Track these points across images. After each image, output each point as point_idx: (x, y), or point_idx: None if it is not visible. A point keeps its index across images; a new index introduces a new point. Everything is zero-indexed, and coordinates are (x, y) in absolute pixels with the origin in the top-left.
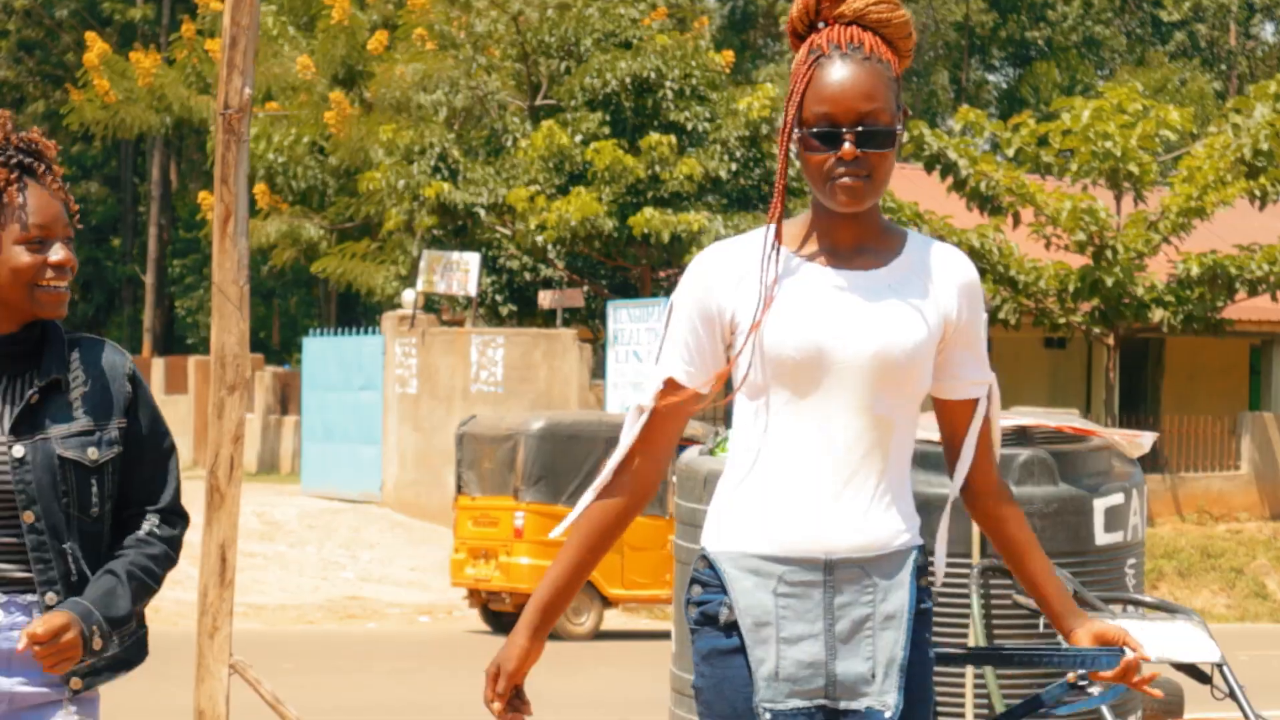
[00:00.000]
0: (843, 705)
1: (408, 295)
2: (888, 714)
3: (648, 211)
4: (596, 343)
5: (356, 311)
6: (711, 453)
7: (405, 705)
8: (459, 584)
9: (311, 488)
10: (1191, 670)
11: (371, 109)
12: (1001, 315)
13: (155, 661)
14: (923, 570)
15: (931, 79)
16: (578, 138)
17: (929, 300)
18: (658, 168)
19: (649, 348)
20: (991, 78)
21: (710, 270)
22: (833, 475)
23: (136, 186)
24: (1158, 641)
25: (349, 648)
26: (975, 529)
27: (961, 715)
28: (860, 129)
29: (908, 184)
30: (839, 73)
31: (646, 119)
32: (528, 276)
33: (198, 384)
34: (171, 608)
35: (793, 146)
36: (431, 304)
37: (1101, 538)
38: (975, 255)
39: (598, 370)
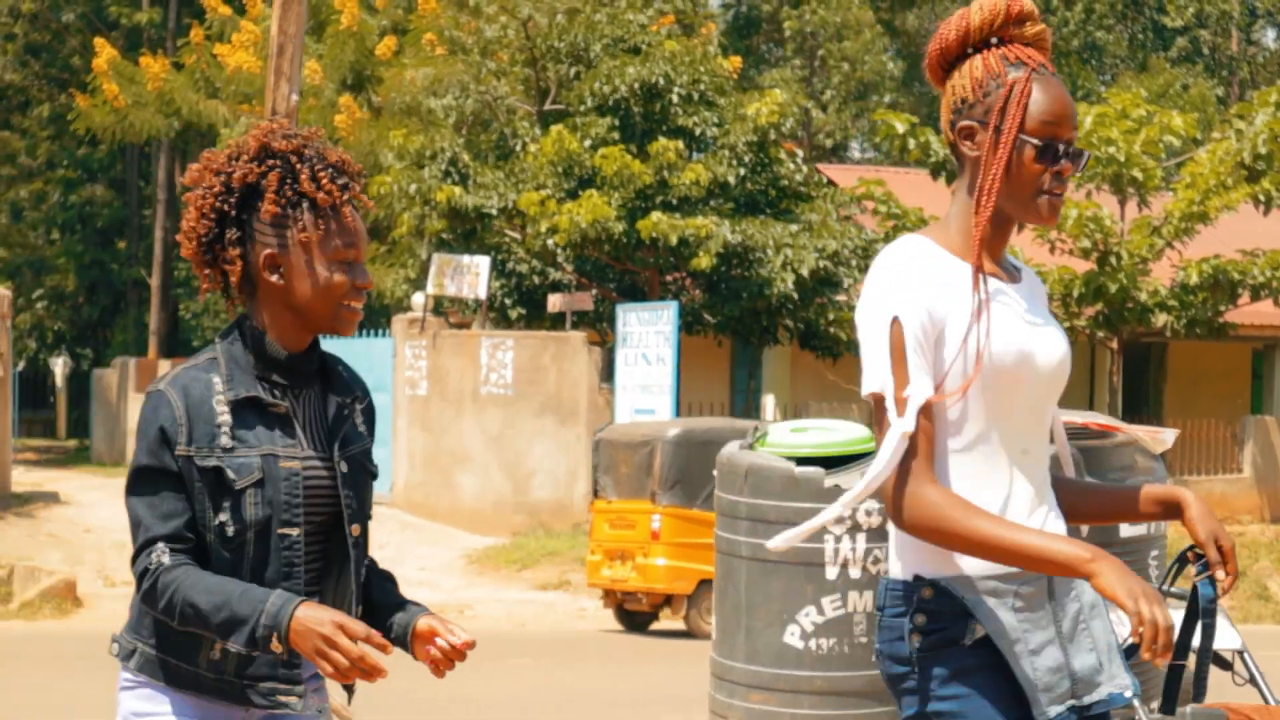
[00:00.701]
0: (1086, 700)
1: (417, 298)
2: (1128, 694)
3: (656, 216)
4: (604, 345)
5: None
6: (751, 447)
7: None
8: (595, 584)
9: None
10: (1213, 657)
11: (381, 114)
12: None
13: None
14: None
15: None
16: (586, 143)
17: (1050, 314)
18: (666, 173)
19: (657, 350)
20: None
21: (924, 279)
22: (1030, 482)
23: (142, 190)
24: (1181, 630)
25: None
26: None
27: None
28: (1073, 149)
29: (913, 189)
30: (1058, 92)
31: (655, 124)
32: (536, 280)
33: None
34: None
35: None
36: (440, 307)
37: (1126, 530)
38: None
39: (606, 372)
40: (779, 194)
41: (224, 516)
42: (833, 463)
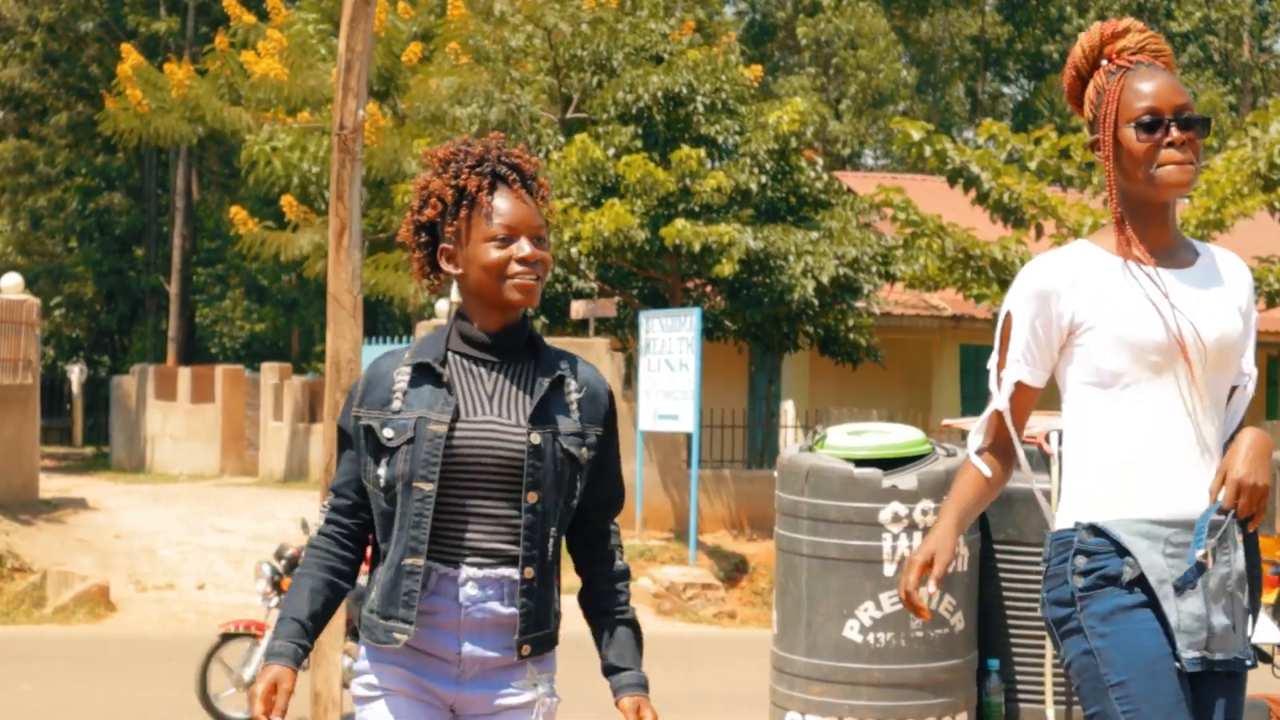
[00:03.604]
0: (1217, 655)
1: (441, 305)
2: (1249, 662)
3: (679, 223)
4: (626, 352)
5: (380, 321)
6: (811, 449)
7: None
8: None
9: None
10: (1255, 650)
11: (404, 121)
12: None
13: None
14: (1252, 537)
15: (947, 91)
16: (610, 151)
17: (1233, 295)
18: (688, 180)
19: (680, 356)
20: (1007, 90)
21: (1047, 278)
22: (1191, 447)
23: (160, 198)
24: None
25: None
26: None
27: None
28: (1185, 117)
29: (930, 197)
30: (1153, 76)
31: (677, 132)
32: (559, 287)
33: (225, 393)
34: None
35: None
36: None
37: None
38: (998, 267)
39: (629, 379)
40: (799, 201)
41: (380, 470)
42: (889, 464)
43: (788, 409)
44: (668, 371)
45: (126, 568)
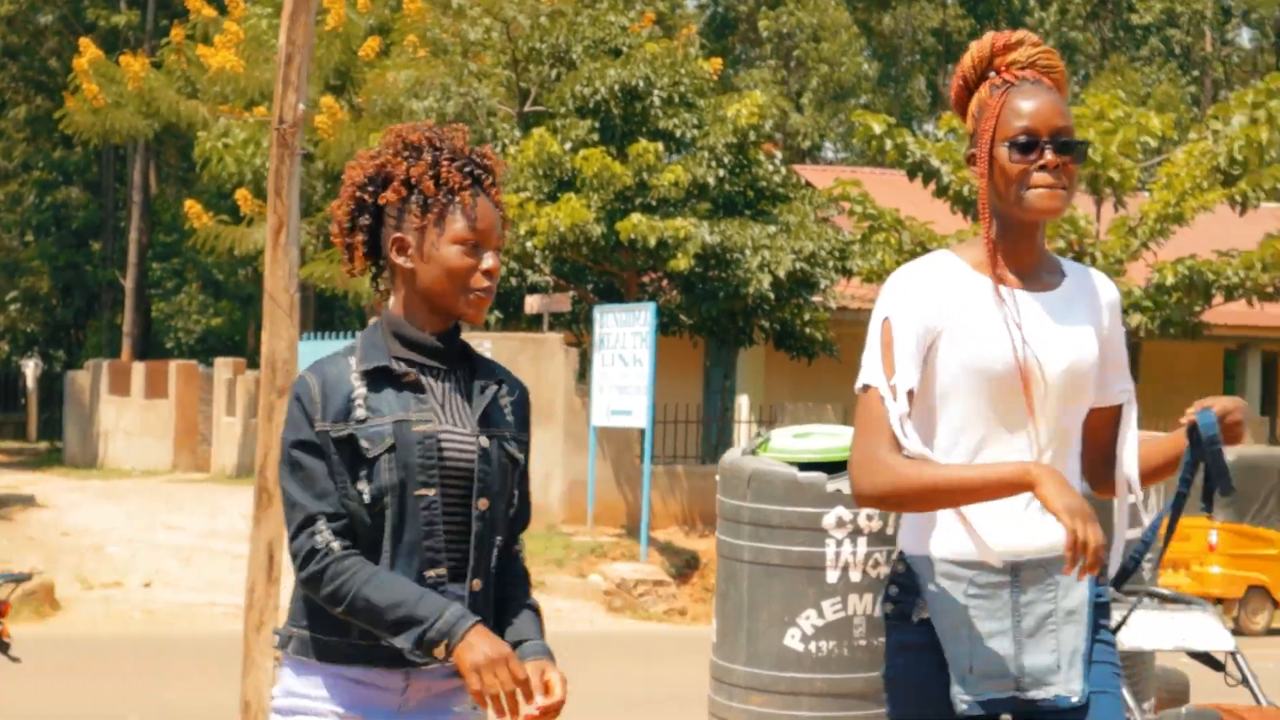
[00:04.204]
0: (1032, 695)
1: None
2: (1075, 699)
3: (635, 217)
4: (581, 347)
5: (335, 315)
6: (754, 452)
7: None
8: None
9: None
10: (1206, 658)
11: (361, 115)
12: None
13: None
14: (1103, 570)
15: (909, 85)
16: (567, 144)
17: (1093, 319)
18: (645, 174)
19: (634, 351)
20: None
21: (919, 286)
22: None
23: (117, 192)
24: (1175, 631)
25: None
26: None
27: None
28: (1060, 140)
29: (889, 190)
30: (1035, 95)
31: (635, 126)
32: (514, 282)
33: (179, 388)
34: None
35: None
36: None
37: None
38: None
39: (583, 374)
40: (757, 195)
41: (362, 485)
42: (835, 468)
43: (742, 404)
44: (622, 367)
45: (73, 566)
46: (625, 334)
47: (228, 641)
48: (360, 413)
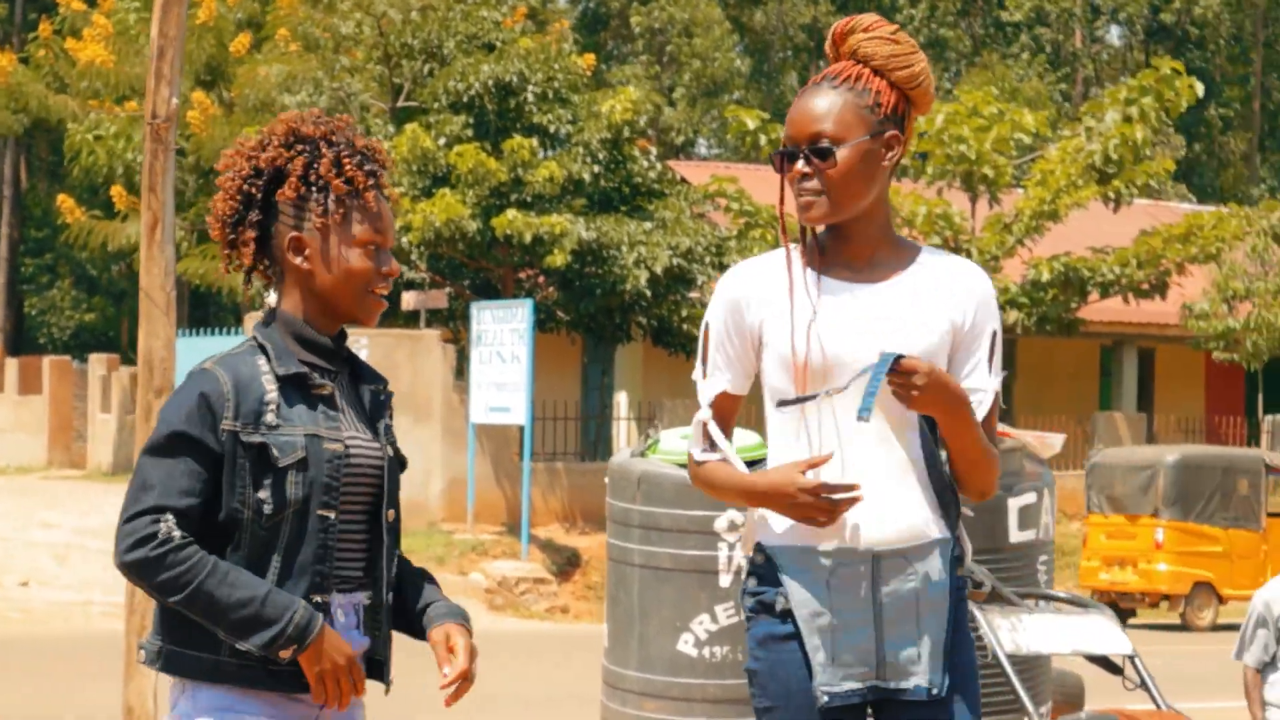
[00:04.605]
0: (893, 684)
1: (272, 297)
2: (935, 690)
3: (511, 213)
4: (458, 344)
5: (210, 312)
6: (643, 454)
7: None
8: (1089, 585)
9: None
10: (1104, 662)
11: (233, 110)
12: None
13: (74, 661)
14: (959, 560)
15: (781, 81)
16: (441, 140)
17: (939, 309)
18: (520, 170)
19: (512, 348)
20: None
21: (738, 287)
22: (867, 473)
23: None
24: (1072, 635)
25: None
26: None
27: None
28: (811, 147)
29: (765, 186)
30: (803, 100)
31: (509, 122)
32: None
33: (53, 384)
34: (61, 609)
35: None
36: None
37: (1015, 535)
38: None
39: (461, 371)
40: (632, 191)
41: (264, 494)
42: None
43: (621, 401)
44: (499, 363)
45: None
46: (503, 331)
47: (108, 642)
48: (271, 419)
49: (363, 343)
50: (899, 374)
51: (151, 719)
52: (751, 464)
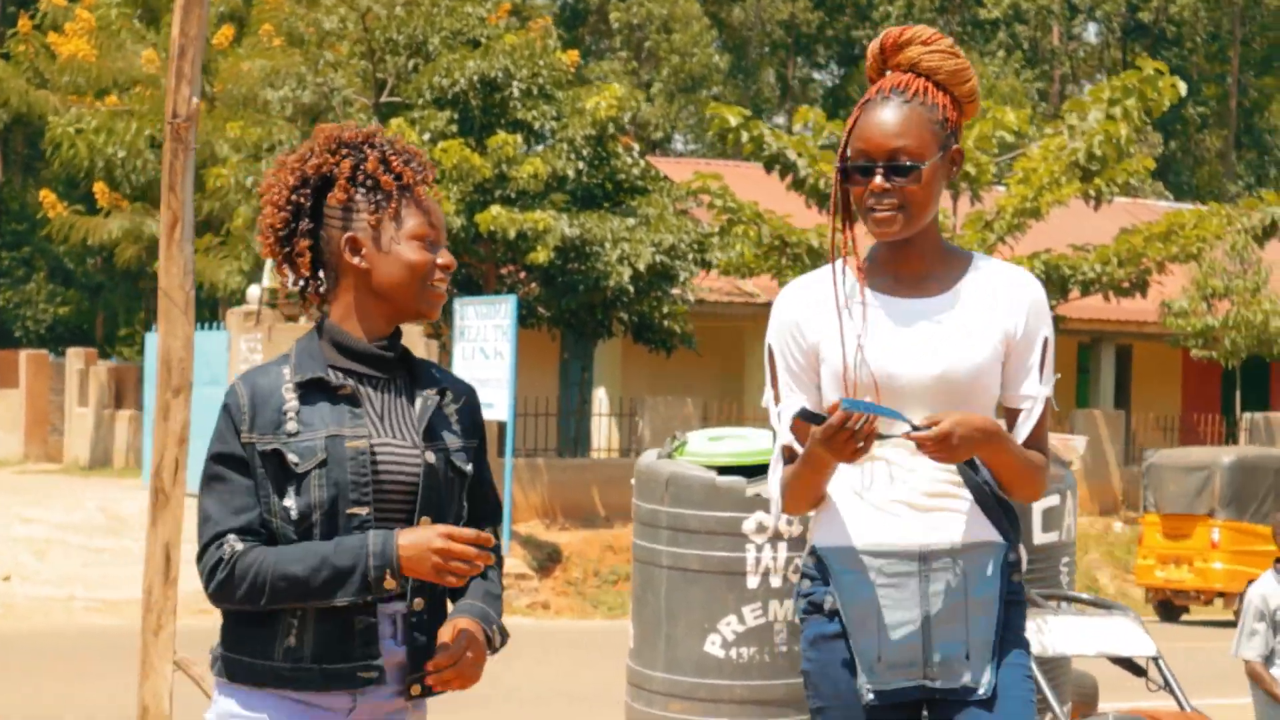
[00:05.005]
0: (940, 684)
1: (253, 291)
2: (981, 690)
3: (495, 209)
4: (440, 339)
5: (197, 309)
6: (670, 456)
7: None
8: (1145, 584)
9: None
10: (1127, 664)
11: (215, 104)
12: None
13: (67, 660)
14: (1013, 566)
15: (759, 77)
16: (425, 136)
17: (991, 320)
18: (505, 166)
19: (495, 344)
20: (817, 76)
21: (793, 308)
22: (915, 478)
23: None
24: (1096, 636)
25: None
26: None
27: None
28: (892, 164)
29: (746, 183)
30: (877, 114)
31: (494, 118)
32: None
33: (29, 378)
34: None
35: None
36: (274, 300)
37: (1040, 537)
38: (814, 254)
39: (445, 365)
40: (616, 188)
41: (289, 501)
42: (752, 471)
43: (600, 397)
44: (482, 359)
45: None
46: (486, 326)
47: (96, 638)
48: (291, 425)
49: None
50: (926, 444)
51: (167, 718)
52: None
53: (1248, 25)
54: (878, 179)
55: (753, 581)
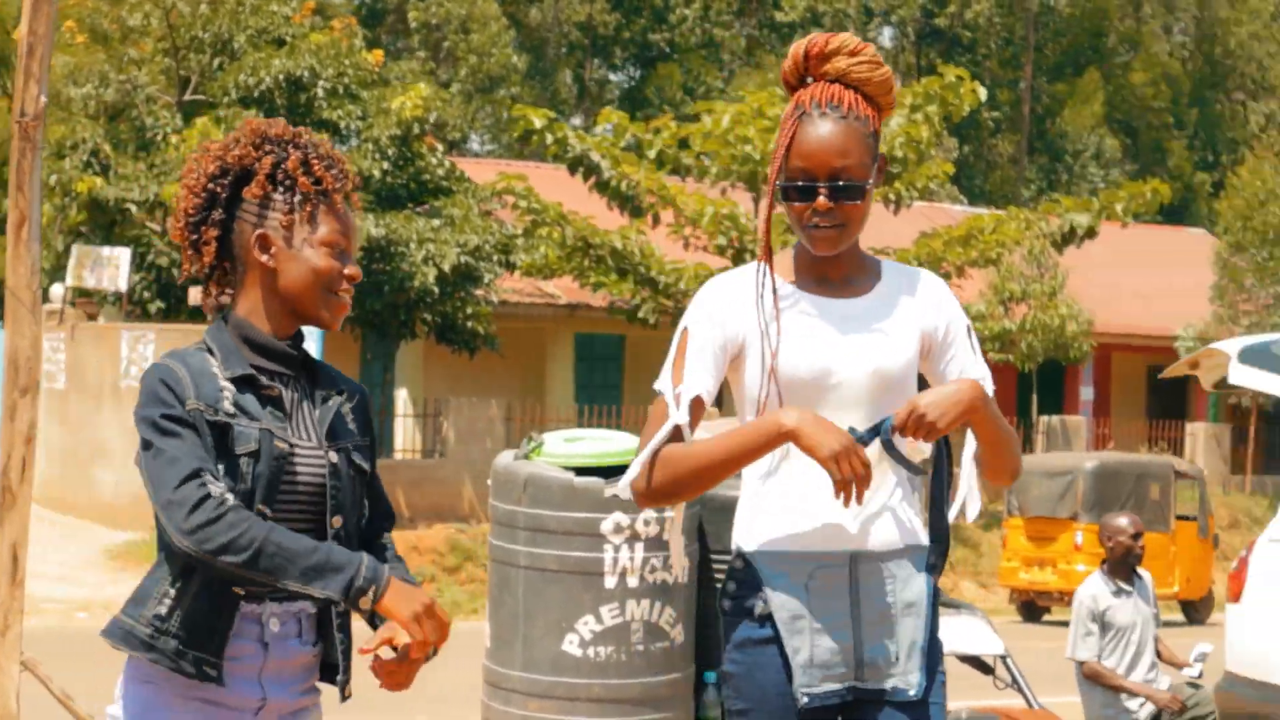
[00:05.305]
0: (871, 685)
1: (56, 290)
2: (912, 691)
3: None
4: None
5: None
6: (527, 457)
7: None
8: (1008, 584)
9: None
10: (975, 662)
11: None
12: (641, 315)
13: None
14: (934, 567)
15: (556, 78)
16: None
17: (910, 320)
18: None
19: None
20: (614, 77)
21: (722, 299)
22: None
23: None
24: (945, 635)
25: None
26: None
27: None
28: (835, 183)
29: (551, 185)
30: (817, 131)
31: (299, 117)
32: (175, 273)
33: None
34: None
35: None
36: (75, 300)
37: None
38: (617, 256)
39: None
40: (420, 188)
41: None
42: (610, 472)
43: (401, 398)
44: None
45: None
46: None
47: None
48: (229, 407)
49: (150, 337)
50: (905, 427)
51: (15, 718)
52: (613, 470)
53: (1041, 31)
54: (821, 199)
55: (610, 581)
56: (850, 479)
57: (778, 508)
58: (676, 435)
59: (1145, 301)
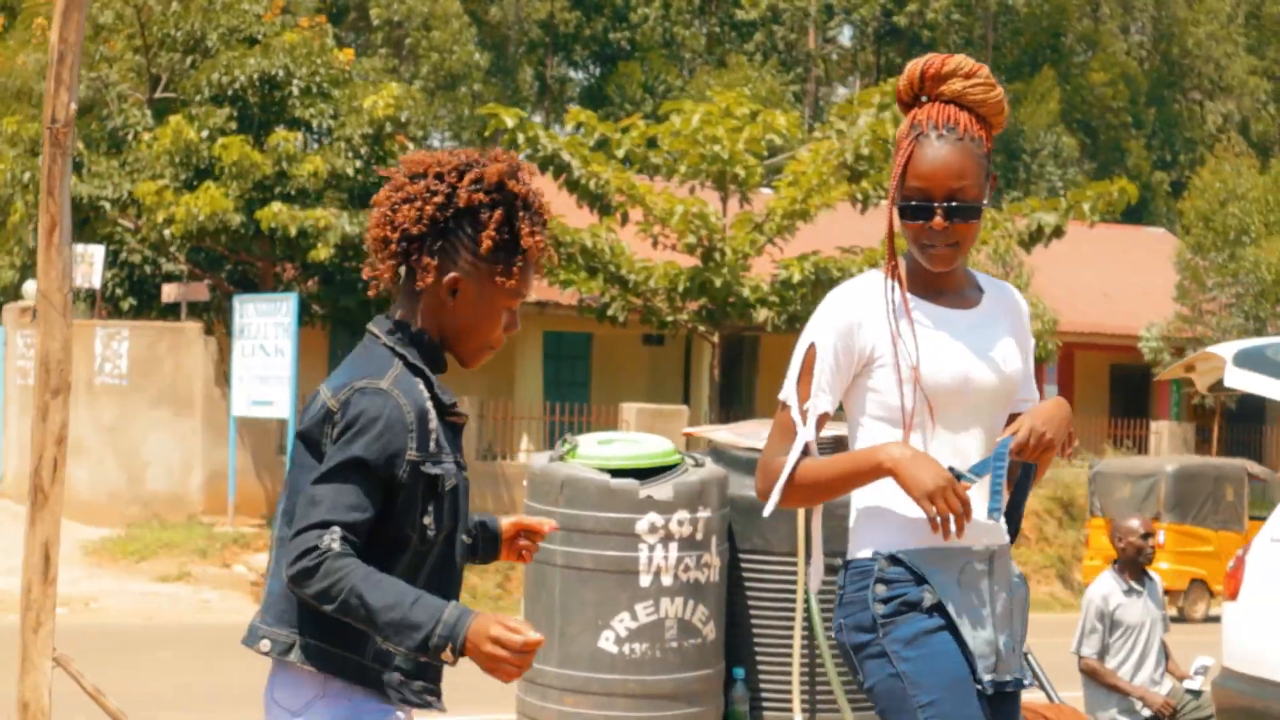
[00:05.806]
0: (1004, 676)
1: (29, 287)
2: (1026, 680)
3: (276, 206)
4: (215, 336)
5: None
6: (563, 459)
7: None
8: (1090, 583)
9: None
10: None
11: None
12: (610, 313)
13: None
14: None
15: (517, 75)
16: (204, 133)
17: (1012, 331)
18: (285, 164)
19: (276, 342)
20: (575, 75)
21: (850, 311)
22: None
23: None
24: None
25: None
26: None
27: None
28: (950, 204)
29: None
30: (934, 152)
31: (273, 115)
32: (149, 270)
33: None
34: None
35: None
36: None
37: None
38: (587, 254)
39: (223, 363)
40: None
41: (428, 519)
42: (643, 474)
43: None
44: (263, 357)
45: None
46: (266, 324)
47: None
48: (433, 446)
49: (124, 334)
50: (1027, 448)
51: (47, 715)
52: (662, 470)
53: (999, 31)
54: (938, 218)
55: (645, 580)
56: (946, 515)
57: (918, 511)
58: (805, 451)
59: (1108, 301)
